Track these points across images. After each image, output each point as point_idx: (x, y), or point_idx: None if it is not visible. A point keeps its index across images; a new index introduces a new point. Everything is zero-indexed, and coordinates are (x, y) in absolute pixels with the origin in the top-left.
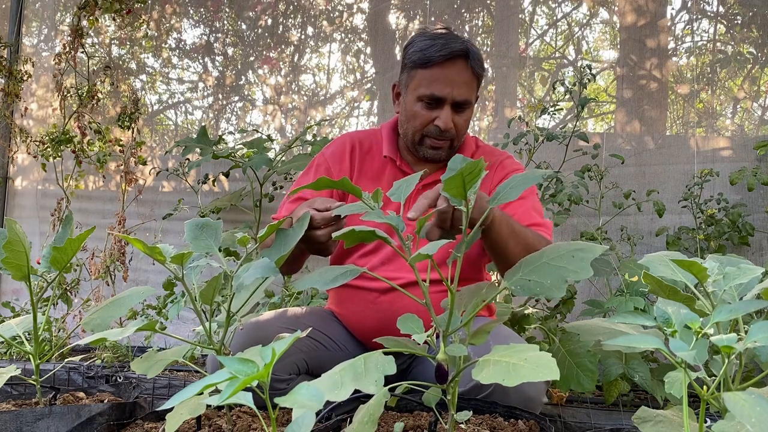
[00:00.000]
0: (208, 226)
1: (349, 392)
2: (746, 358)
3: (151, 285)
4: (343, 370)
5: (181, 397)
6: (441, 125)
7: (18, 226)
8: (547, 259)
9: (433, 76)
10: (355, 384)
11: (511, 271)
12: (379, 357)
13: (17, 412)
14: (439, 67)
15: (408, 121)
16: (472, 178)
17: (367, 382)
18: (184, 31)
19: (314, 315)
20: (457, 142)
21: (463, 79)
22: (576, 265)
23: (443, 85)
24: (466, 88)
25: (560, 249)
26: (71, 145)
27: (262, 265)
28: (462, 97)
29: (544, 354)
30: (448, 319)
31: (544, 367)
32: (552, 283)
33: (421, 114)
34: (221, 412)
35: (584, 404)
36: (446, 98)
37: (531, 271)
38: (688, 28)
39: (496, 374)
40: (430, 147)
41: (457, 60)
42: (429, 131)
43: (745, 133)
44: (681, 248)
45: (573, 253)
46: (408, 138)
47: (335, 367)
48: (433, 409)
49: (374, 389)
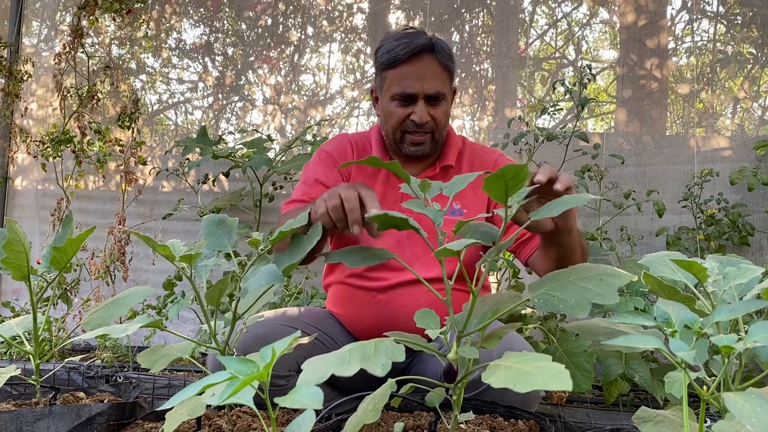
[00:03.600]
0: (225, 223)
1: (354, 370)
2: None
3: (151, 285)
4: (351, 350)
5: (181, 396)
6: (416, 119)
7: (18, 226)
8: (575, 279)
9: (402, 74)
10: (362, 364)
11: (535, 285)
12: (390, 343)
13: (17, 412)
14: (406, 65)
15: (386, 122)
16: (516, 183)
17: (374, 364)
18: (184, 31)
19: (312, 314)
20: (438, 135)
21: (431, 72)
22: (603, 290)
23: (413, 81)
24: (435, 80)
25: (589, 270)
26: (71, 145)
27: (268, 271)
28: (433, 90)
29: (557, 364)
30: (465, 320)
31: (557, 377)
32: (576, 302)
33: (396, 112)
34: (221, 412)
35: (584, 404)
36: (417, 93)
37: (556, 287)
38: (688, 28)
39: (507, 379)
40: (411, 144)
41: (423, 55)
42: (407, 127)
43: (745, 133)
44: (681, 248)
45: (602, 276)
46: (389, 138)
47: (344, 346)
48: (436, 409)
49: (380, 372)
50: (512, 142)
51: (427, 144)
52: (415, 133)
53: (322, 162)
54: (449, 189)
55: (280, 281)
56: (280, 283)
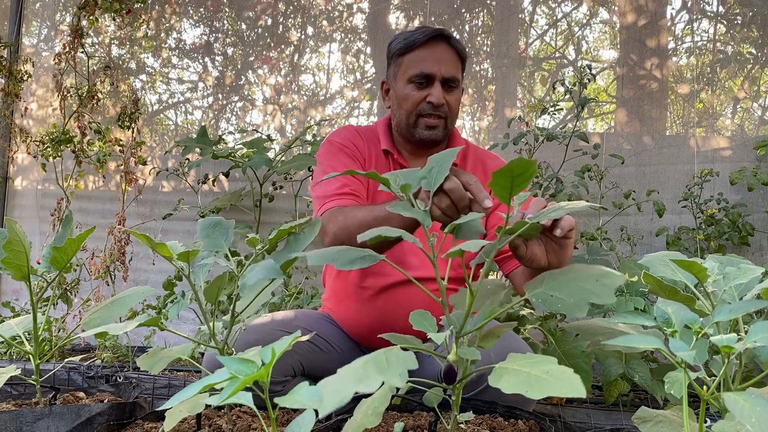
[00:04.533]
0: (221, 224)
1: (377, 385)
2: (746, 358)
3: (151, 285)
4: (366, 363)
5: (181, 396)
6: (434, 100)
7: (18, 226)
8: (572, 278)
9: (420, 57)
10: (381, 377)
11: (533, 284)
12: (399, 352)
13: (17, 412)
14: (424, 48)
15: (400, 107)
16: (521, 181)
17: (391, 374)
18: (184, 31)
19: (308, 317)
20: (450, 123)
21: (448, 57)
22: (600, 290)
23: (431, 63)
24: (452, 65)
25: (586, 271)
26: (71, 145)
27: (266, 266)
28: (450, 73)
29: (566, 368)
30: (463, 320)
31: (569, 383)
32: (575, 302)
33: (413, 95)
34: (221, 412)
35: (584, 404)
36: (435, 74)
37: (554, 286)
38: (688, 28)
39: (518, 384)
40: (425, 127)
41: (440, 40)
42: (422, 109)
43: (745, 133)
44: (681, 248)
45: (598, 277)
46: (402, 123)
47: (353, 362)
48: (435, 409)
49: (399, 382)
50: (512, 142)
51: (440, 129)
52: (431, 116)
53: (341, 151)
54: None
55: (279, 275)
56: (279, 276)
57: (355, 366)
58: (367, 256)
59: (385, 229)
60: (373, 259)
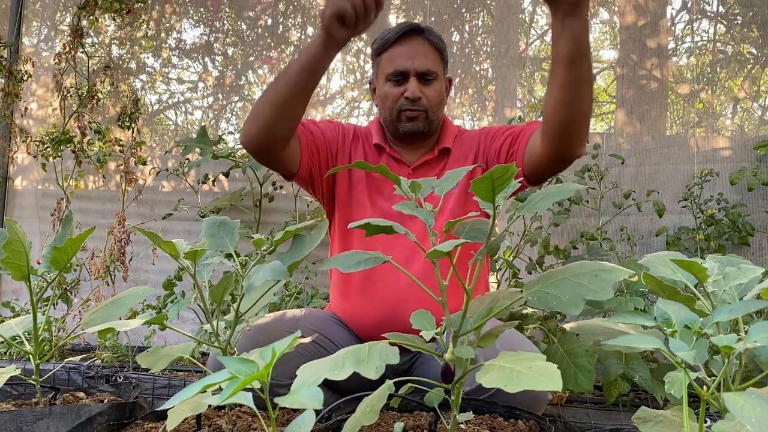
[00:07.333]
0: (226, 224)
1: (347, 373)
2: (746, 358)
3: (151, 285)
4: (345, 354)
5: (181, 396)
6: (409, 95)
7: (18, 226)
8: (569, 275)
9: (393, 55)
10: (355, 367)
11: (530, 283)
12: (384, 346)
13: (17, 412)
14: (398, 44)
15: (383, 104)
16: (502, 183)
17: (368, 367)
18: (184, 31)
19: (314, 317)
20: (432, 115)
21: (422, 51)
22: (597, 285)
23: (403, 59)
24: (426, 59)
25: (584, 267)
26: (71, 145)
27: (273, 267)
28: (423, 67)
29: (550, 364)
30: (461, 320)
31: (548, 377)
32: (570, 299)
33: (391, 92)
34: (221, 412)
35: (584, 404)
36: (409, 70)
37: (551, 284)
38: (688, 28)
39: (499, 379)
40: (406, 120)
41: (413, 35)
42: (402, 105)
43: (745, 133)
44: (681, 248)
45: (596, 272)
46: (387, 120)
47: (338, 350)
48: (435, 409)
49: (374, 375)
50: None
51: (421, 120)
52: (410, 109)
53: (323, 121)
54: (440, 187)
55: (285, 276)
56: (285, 278)
57: (336, 355)
58: (371, 257)
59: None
60: (378, 260)
